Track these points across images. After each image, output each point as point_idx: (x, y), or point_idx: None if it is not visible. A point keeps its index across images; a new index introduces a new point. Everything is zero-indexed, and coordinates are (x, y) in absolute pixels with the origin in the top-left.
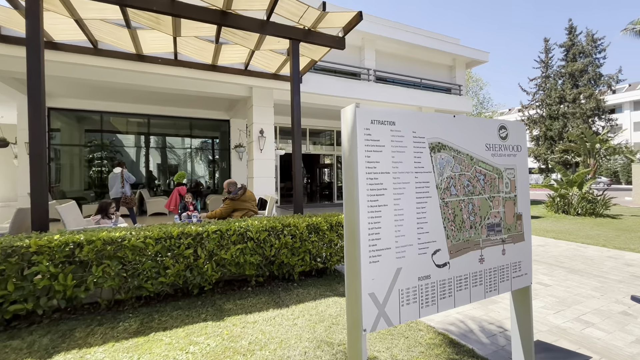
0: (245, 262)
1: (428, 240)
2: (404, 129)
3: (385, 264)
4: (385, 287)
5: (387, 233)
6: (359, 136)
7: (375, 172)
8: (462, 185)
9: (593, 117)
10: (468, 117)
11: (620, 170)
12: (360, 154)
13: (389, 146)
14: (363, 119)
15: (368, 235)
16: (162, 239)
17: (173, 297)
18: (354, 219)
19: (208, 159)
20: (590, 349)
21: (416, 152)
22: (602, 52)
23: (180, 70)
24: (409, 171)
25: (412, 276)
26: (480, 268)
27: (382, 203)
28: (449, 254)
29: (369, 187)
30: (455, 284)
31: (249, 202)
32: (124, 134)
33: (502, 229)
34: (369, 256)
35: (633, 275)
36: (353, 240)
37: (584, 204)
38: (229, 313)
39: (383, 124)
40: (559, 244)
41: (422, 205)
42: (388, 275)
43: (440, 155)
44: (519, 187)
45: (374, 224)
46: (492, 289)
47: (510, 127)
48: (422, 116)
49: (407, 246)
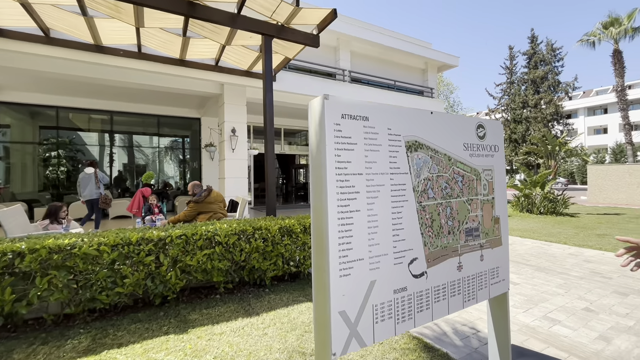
0: (213, 269)
1: (404, 248)
2: (378, 125)
3: (358, 277)
4: (358, 304)
5: (360, 242)
6: (328, 132)
7: (346, 173)
8: (439, 187)
9: (552, 122)
10: (445, 114)
11: (576, 172)
12: (329, 152)
13: (362, 144)
14: (333, 112)
15: (338, 245)
16: (119, 245)
17: (132, 308)
18: (322, 227)
19: (178, 158)
20: (559, 347)
21: (391, 151)
22: (560, 60)
23: (145, 64)
24: (384, 172)
25: (387, 289)
26: (459, 276)
27: (354, 208)
28: (426, 262)
29: (340, 191)
30: (432, 295)
31: (215, 204)
32: (85, 132)
33: (480, 233)
34: (340, 269)
35: (593, 271)
36: (321, 251)
37: (545, 203)
38: (194, 324)
39: (355, 119)
40: (525, 242)
41: (397, 210)
42: (361, 289)
43: (417, 154)
44: (496, 189)
45: (345, 233)
46: (470, 298)
47: (488, 126)
48: (398, 111)
49: (381, 256)
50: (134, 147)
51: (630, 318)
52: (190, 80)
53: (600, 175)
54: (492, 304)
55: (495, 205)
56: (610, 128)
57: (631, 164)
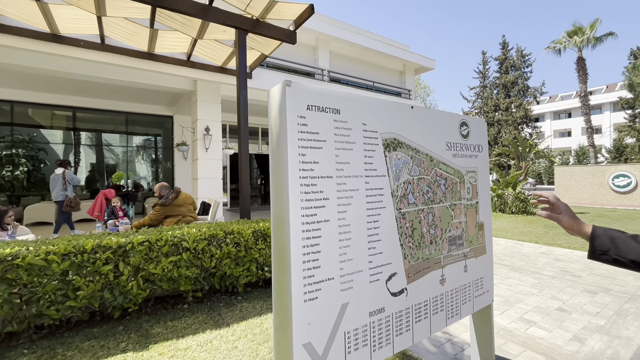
0: (180, 277)
1: (382, 262)
2: (351, 120)
3: (327, 300)
4: (326, 333)
5: (329, 258)
6: (290, 126)
7: (312, 175)
8: (421, 191)
9: (522, 125)
10: (427, 109)
11: (543, 172)
12: (291, 151)
13: (332, 141)
14: (296, 102)
15: (303, 263)
16: (70, 254)
17: (88, 323)
18: (283, 243)
19: (150, 158)
20: (536, 350)
21: (367, 150)
22: (529, 66)
23: (109, 57)
24: (358, 174)
25: (362, 312)
26: (441, 291)
27: (323, 218)
28: (406, 277)
29: (305, 197)
30: (413, 314)
31: (184, 207)
32: (48, 129)
33: (464, 241)
34: (304, 292)
35: (563, 270)
36: (282, 272)
37: (517, 203)
38: (156, 339)
39: (324, 112)
40: (499, 242)
41: (374, 218)
42: (330, 315)
43: (397, 154)
44: (480, 192)
45: (310, 248)
46: (454, 314)
47: (472, 123)
48: (375, 104)
49: (355, 273)
50: (103, 145)
51: (601, 317)
52: (160, 76)
53: (566, 176)
54: (475, 317)
55: (479, 210)
56: (574, 131)
57: (593, 165)
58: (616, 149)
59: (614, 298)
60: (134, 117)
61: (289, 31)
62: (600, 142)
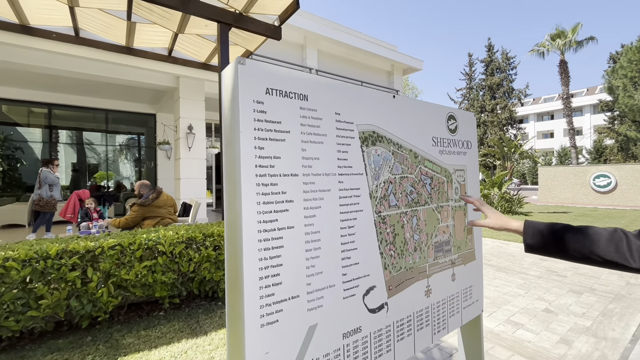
0: (155, 282)
1: (358, 275)
2: (322, 108)
3: (290, 323)
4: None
5: (294, 273)
6: (244, 114)
7: (272, 173)
8: (404, 192)
9: (507, 126)
10: (411, 99)
11: (527, 173)
12: (245, 143)
13: (298, 133)
14: (252, 84)
15: (259, 280)
16: (32, 260)
17: (53, 333)
18: (235, 256)
19: (133, 157)
20: (524, 354)
21: (341, 145)
22: (514, 69)
23: (85, 51)
24: (330, 172)
25: (334, 334)
26: (427, 303)
27: (286, 224)
28: (387, 290)
29: (263, 200)
30: (395, 332)
31: (164, 208)
32: (24, 127)
33: (452, 247)
34: (261, 315)
35: (549, 270)
36: (234, 291)
37: (503, 202)
38: (127, 350)
39: (288, 97)
40: (485, 242)
41: (349, 223)
42: (294, 340)
43: (376, 149)
44: (469, 192)
45: (270, 261)
46: (440, 329)
47: (460, 117)
48: (351, 91)
49: (326, 289)
50: (85, 144)
51: (587, 318)
52: (140, 71)
53: (550, 176)
54: (463, 330)
55: (468, 212)
56: (556, 133)
57: (575, 166)
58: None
59: (599, 298)
60: (116, 115)
61: (274, 26)
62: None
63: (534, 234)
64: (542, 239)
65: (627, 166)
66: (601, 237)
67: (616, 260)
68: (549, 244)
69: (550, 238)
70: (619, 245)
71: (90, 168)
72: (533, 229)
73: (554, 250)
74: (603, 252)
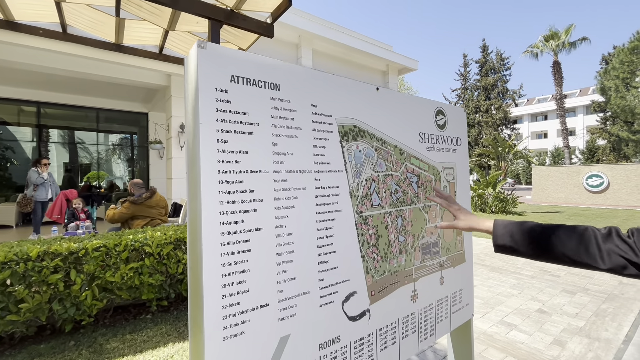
0: (142, 284)
1: (336, 280)
2: (296, 99)
3: (258, 334)
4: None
5: (262, 279)
6: (204, 103)
7: (239, 169)
8: (388, 191)
9: (501, 126)
10: (396, 92)
11: (521, 173)
12: (205, 135)
13: (268, 125)
14: (214, 71)
15: (222, 288)
16: (12, 262)
17: (34, 338)
18: (196, 259)
19: (126, 157)
20: (517, 356)
21: (318, 139)
22: (508, 69)
23: (73, 47)
24: (305, 169)
25: (309, 344)
26: (413, 309)
27: (254, 225)
28: (369, 297)
29: (226, 199)
30: (377, 341)
31: (156, 209)
32: (14, 126)
33: (440, 249)
34: (224, 327)
35: (542, 269)
36: (195, 300)
37: (497, 202)
38: (110, 355)
39: (257, 86)
40: (480, 242)
41: (326, 224)
42: (263, 354)
43: (357, 145)
44: (459, 191)
45: (234, 267)
46: (428, 335)
47: (449, 113)
48: (329, 81)
49: (300, 296)
50: (76, 144)
51: (580, 318)
52: (131, 69)
53: (543, 176)
54: (453, 335)
55: None
56: (549, 133)
57: (568, 166)
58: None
59: (592, 298)
60: (108, 114)
61: (266, 24)
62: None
63: (504, 235)
64: (511, 239)
65: (619, 166)
66: (572, 238)
67: (586, 261)
68: (519, 245)
69: (519, 238)
70: (589, 247)
71: (83, 168)
72: (503, 229)
73: (524, 251)
74: (573, 253)
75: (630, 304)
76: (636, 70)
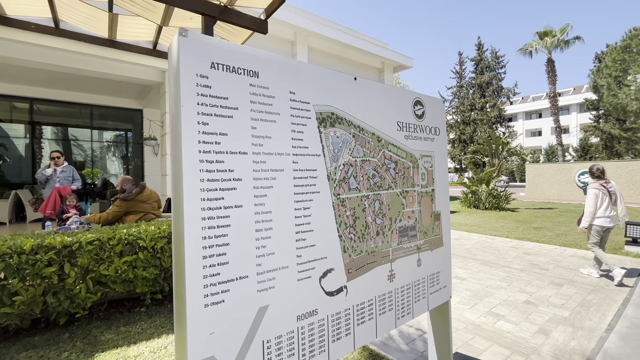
0: (136, 278)
1: (314, 257)
2: (274, 86)
3: (238, 304)
4: (237, 344)
5: (242, 252)
6: (185, 87)
7: (218, 150)
8: (365, 175)
9: (496, 124)
10: (374, 82)
11: (516, 170)
12: (186, 117)
13: (247, 110)
14: (194, 57)
15: (203, 259)
16: (5, 255)
17: (29, 331)
18: (178, 233)
19: (121, 154)
20: (502, 344)
21: (296, 124)
22: (503, 67)
23: (66, 43)
24: (283, 152)
25: (287, 316)
26: (390, 288)
27: (233, 202)
28: (346, 274)
29: (207, 177)
30: (355, 316)
31: (148, 203)
32: (7, 123)
33: (418, 232)
34: (204, 295)
35: (532, 263)
36: (178, 269)
37: (490, 199)
38: (105, 346)
39: (236, 73)
40: (472, 237)
41: (304, 205)
42: (243, 321)
43: (335, 131)
44: (437, 179)
45: (215, 240)
46: (405, 313)
47: (428, 103)
48: (307, 70)
49: (278, 270)
50: (70, 140)
51: (566, 309)
52: (125, 65)
53: (537, 173)
54: (432, 314)
55: (435, 198)
56: (544, 131)
57: (561, 163)
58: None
59: (578, 290)
60: (102, 110)
61: (260, 20)
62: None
63: None
64: None
65: (610, 163)
66: None
67: None
68: None
69: None
70: None
71: (77, 165)
72: None
73: None
74: None
75: (615, 294)
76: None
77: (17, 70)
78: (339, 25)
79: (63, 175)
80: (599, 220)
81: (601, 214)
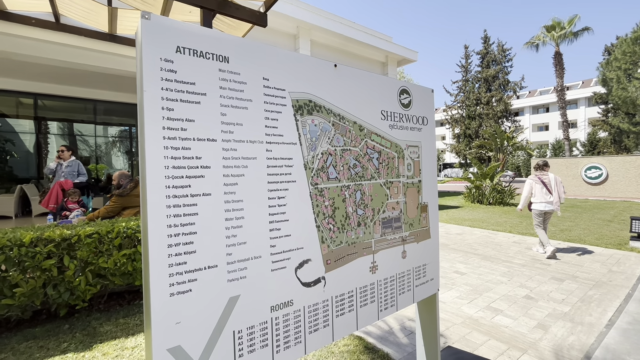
0: (135, 270)
1: (290, 247)
2: (246, 72)
3: (206, 293)
4: (206, 333)
5: (210, 241)
6: (148, 71)
7: (185, 137)
8: (346, 165)
9: (502, 118)
10: (356, 70)
11: (522, 165)
12: (149, 102)
13: (216, 96)
14: (158, 41)
15: (168, 247)
16: (5, 247)
17: (30, 322)
18: (145, 221)
19: (125, 149)
20: (499, 339)
21: (270, 112)
22: (509, 61)
23: (67, 37)
24: (256, 140)
25: (260, 306)
26: (372, 280)
27: (201, 190)
28: (324, 265)
29: (172, 164)
30: (333, 307)
31: None
32: (13, 118)
33: (403, 224)
34: (170, 284)
35: (533, 258)
36: (145, 258)
37: (494, 194)
38: (103, 337)
39: (204, 57)
40: (474, 232)
41: (279, 194)
42: (212, 311)
43: (312, 119)
44: (424, 170)
45: (181, 228)
46: (388, 306)
47: (415, 92)
48: (282, 56)
49: (250, 260)
50: (75, 135)
51: (566, 304)
52: (126, 60)
53: None
54: (419, 307)
55: (422, 189)
56: (551, 125)
57: (567, 157)
58: (590, 142)
59: (579, 285)
60: (106, 105)
61: (259, 13)
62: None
63: None
64: None
65: (618, 158)
66: None
67: None
68: None
69: None
70: None
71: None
72: None
73: None
74: None
75: (617, 290)
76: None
77: (20, 65)
78: (342, 19)
79: (68, 169)
80: (536, 205)
81: (538, 200)
